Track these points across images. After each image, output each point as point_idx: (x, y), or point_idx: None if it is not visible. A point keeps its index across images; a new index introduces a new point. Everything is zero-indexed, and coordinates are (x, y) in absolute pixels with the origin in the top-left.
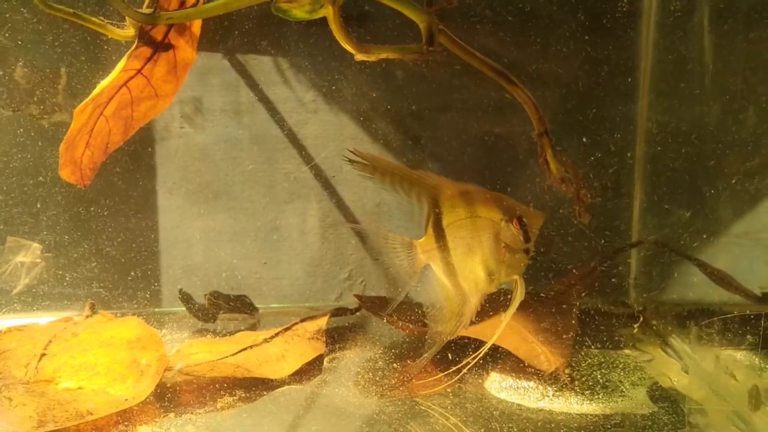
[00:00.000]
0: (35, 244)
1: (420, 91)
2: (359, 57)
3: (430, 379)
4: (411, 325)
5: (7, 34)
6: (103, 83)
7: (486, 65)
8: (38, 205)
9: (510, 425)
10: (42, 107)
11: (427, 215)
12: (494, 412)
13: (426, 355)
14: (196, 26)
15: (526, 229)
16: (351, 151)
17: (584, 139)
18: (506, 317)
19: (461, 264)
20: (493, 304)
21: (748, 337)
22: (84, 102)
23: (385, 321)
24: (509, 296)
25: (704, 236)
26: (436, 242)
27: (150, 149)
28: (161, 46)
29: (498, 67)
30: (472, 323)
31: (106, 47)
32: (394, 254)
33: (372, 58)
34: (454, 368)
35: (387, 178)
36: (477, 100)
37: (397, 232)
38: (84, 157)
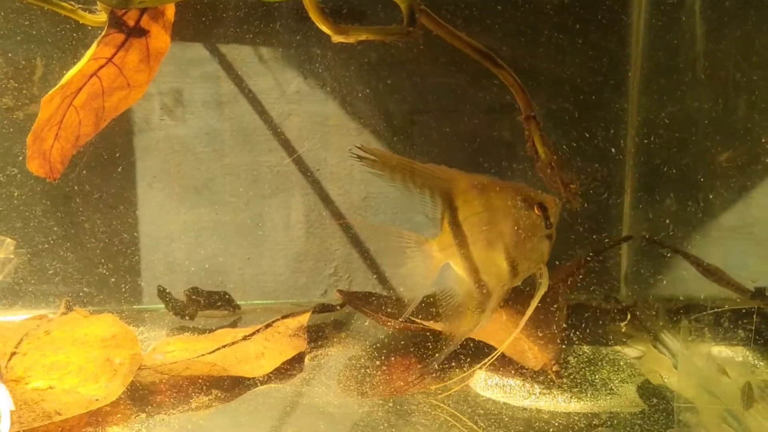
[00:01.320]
0: (8, 239)
1: (407, 81)
2: (336, 39)
3: (414, 378)
4: (395, 322)
5: None
6: (72, 71)
7: (470, 47)
8: (12, 200)
9: (496, 424)
10: (16, 99)
11: (441, 211)
12: (479, 411)
13: (442, 353)
14: (170, 12)
15: (548, 215)
16: (359, 147)
17: (573, 132)
18: (530, 309)
19: (483, 259)
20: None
21: (740, 332)
22: (52, 91)
23: (369, 317)
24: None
25: (696, 231)
26: (454, 239)
27: (129, 142)
28: (134, 32)
29: (483, 48)
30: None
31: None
32: (408, 254)
33: (350, 39)
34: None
35: (397, 175)
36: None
37: (413, 231)
38: (53, 149)
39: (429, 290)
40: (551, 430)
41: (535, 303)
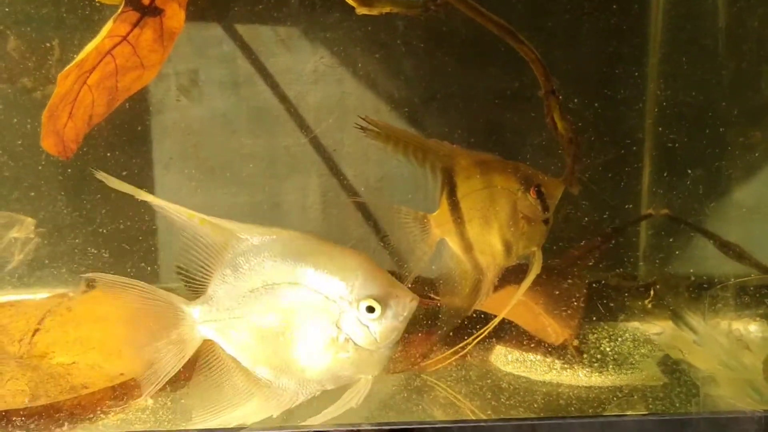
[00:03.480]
0: (29, 219)
1: (424, 60)
2: (361, 11)
3: (437, 357)
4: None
5: None
6: (88, 47)
7: (492, 22)
8: (31, 180)
9: (517, 398)
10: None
11: (441, 187)
12: (501, 385)
13: (441, 332)
14: None
15: (545, 198)
16: (362, 118)
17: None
18: (521, 290)
19: (478, 237)
20: (506, 276)
21: (761, 307)
22: (68, 67)
23: None
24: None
25: (715, 210)
26: (451, 215)
27: (145, 123)
28: (149, 11)
29: (505, 24)
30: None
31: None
32: (407, 229)
33: (374, 12)
34: (461, 344)
35: (400, 147)
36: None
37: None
38: (67, 128)
39: (426, 264)
40: (573, 402)
41: (526, 285)
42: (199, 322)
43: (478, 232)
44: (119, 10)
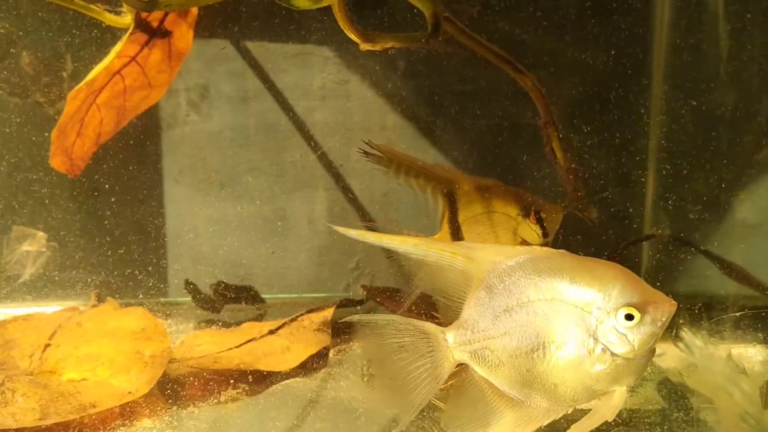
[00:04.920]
0: (40, 233)
1: (432, 76)
2: (364, 47)
3: None
4: (419, 317)
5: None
6: (98, 67)
7: (492, 53)
8: (43, 194)
9: None
10: (48, 95)
11: (442, 211)
12: None
13: None
14: (192, 17)
15: (544, 223)
16: (366, 143)
17: (593, 129)
18: None
19: None
20: None
21: (761, 331)
22: (78, 86)
23: (391, 312)
24: None
25: (718, 228)
26: (452, 238)
27: (156, 137)
28: (158, 32)
29: (504, 54)
30: None
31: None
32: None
33: (377, 47)
34: None
35: (402, 171)
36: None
37: (406, 226)
38: (75, 146)
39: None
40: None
41: None
42: (454, 347)
43: None
44: (128, 32)
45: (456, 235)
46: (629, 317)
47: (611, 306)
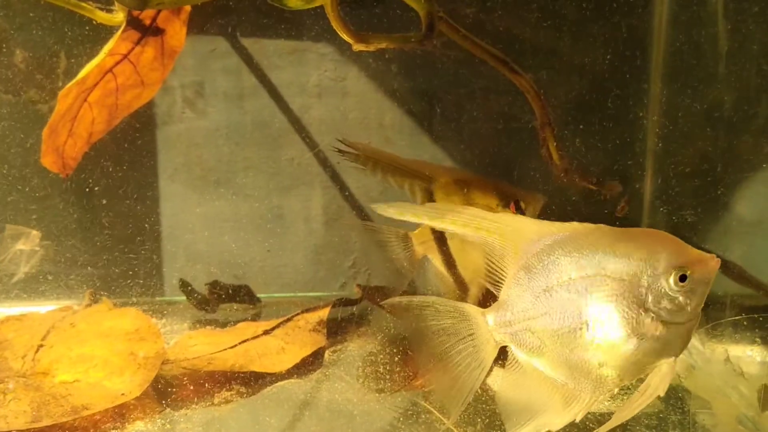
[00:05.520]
0: (34, 232)
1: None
2: (357, 47)
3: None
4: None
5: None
6: (89, 65)
7: (488, 53)
8: (35, 192)
9: None
10: (41, 92)
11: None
12: (496, 410)
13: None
14: (185, 14)
15: (524, 213)
16: (340, 141)
17: (592, 128)
18: None
19: (459, 253)
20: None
21: (759, 333)
22: (69, 85)
23: (387, 312)
24: None
25: (717, 225)
26: (433, 232)
27: (151, 135)
28: (150, 30)
29: (500, 55)
30: None
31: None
32: (390, 247)
33: (370, 48)
34: None
35: (379, 168)
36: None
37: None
38: (66, 145)
39: (409, 281)
40: (567, 428)
41: None
42: (494, 329)
43: (459, 249)
44: (120, 30)
45: (435, 229)
46: (683, 278)
47: (662, 270)
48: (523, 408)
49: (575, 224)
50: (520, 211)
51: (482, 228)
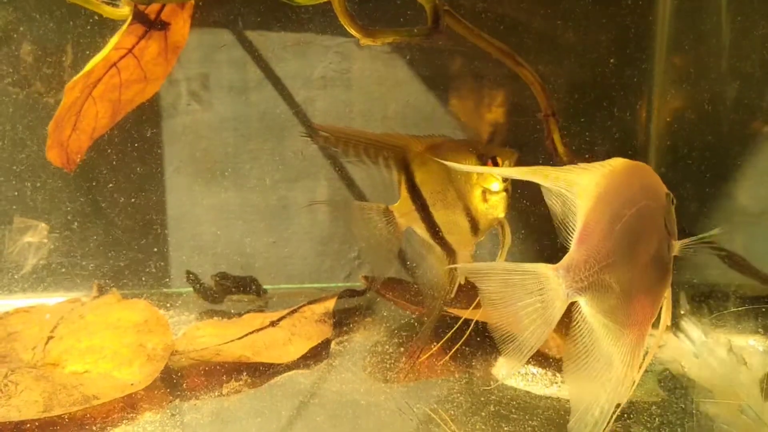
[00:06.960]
0: (42, 224)
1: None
2: (364, 42)
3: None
4: (419, 306)
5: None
6: (95, 59)
7: (492, 46)
8: (43, 185)
9: (518, 412)
10: (48, 84)
11: (398, 177)
12: (502, 399)
13: (426, 324)
14: (189, 8)
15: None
16: (308, 126)
17: (597, 118)
18: (499, 261)
19: (443, 219)
20: None
21: (763, 322)
22: (75, 78)
23: (392, 303)
24: None
25: (720, 216)
26: (413, 203)
27: (157, 127)
28: (155, 24)
29: (504, 47)
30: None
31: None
32: (372, 224)
33: (377, 42)
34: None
35: (351, 148)
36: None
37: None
38: (71, 140)
39: (395, 255)
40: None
41: (502, 256)
42: (564, 284)
43: (442, 214)
44: (126, 24)
45: (416, 199)
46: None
47: (671, 197)
48: (590, 369)
49: (617, 159)
50: (497, 165)
51: (561, 180)
